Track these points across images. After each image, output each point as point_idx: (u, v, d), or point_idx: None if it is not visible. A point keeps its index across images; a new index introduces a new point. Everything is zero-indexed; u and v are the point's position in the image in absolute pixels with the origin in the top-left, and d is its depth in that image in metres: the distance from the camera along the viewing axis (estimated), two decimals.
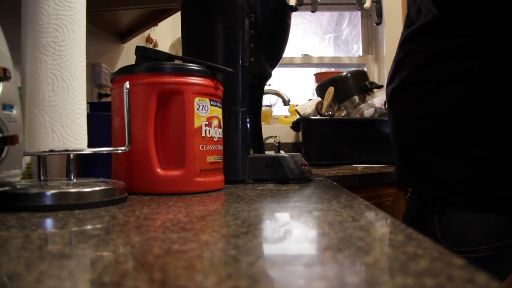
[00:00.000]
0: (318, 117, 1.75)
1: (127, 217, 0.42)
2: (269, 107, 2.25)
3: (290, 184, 0.75)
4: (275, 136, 1.81)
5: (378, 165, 1.56)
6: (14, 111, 0.46)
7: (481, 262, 0.70)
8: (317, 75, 2.31)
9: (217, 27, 0.81)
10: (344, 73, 1.93)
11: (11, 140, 0.44)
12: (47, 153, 0.53)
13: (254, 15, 0.80)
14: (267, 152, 0.94)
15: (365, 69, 2.44)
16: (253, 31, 0.80)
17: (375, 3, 1.42)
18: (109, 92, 0.72)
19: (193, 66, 0.65)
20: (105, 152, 0.60)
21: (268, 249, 0.31)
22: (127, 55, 1.55)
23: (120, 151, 0.59)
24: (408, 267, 0.24)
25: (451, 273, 0.22)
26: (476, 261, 0.65)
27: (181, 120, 0.63)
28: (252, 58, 0.81)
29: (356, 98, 1.90)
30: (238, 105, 0.81)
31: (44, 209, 0.45)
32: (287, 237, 0.35)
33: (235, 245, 0.30)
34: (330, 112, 1.79)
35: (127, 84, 0.59)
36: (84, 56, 0.56)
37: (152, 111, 0.62)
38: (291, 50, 2.50)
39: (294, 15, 0.90)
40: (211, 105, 0.66)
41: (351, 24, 2.64)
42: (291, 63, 2.52)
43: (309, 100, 2.06)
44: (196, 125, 0.63)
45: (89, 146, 0.56)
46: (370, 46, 2.55)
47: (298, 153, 0.83)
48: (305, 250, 0.30)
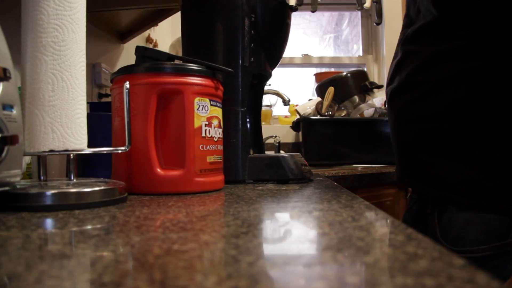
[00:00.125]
0: (318, 117, 1.74)
1: (127, 217, 0.42)
2: (269, 107, 2.25)
3: (290, 184, 0.75)
4: (275, 136, 1.81)
5: (378, 165, 1.56)
6: (14, 111, 0.46)
7: (481, 262, 0.70)
8: (317, 75, 2.31)
9: (217, 27, 0.81)
10: (344, 73, 1.93)
11: (11, 140, 0.44)
12: (47, 153, 0.53)
13: (254, 15, 0.80)
14: (267, 152, 0.94)
15: (365, 69, 2.44)
16: (253, 31, 0.80)
17: (375, 3, 1.42)
18: (109, 92, 0.72)
19: (193, 66, 0.65)
20: (105, 152, 0.60)
21: (268, 249, 0.31)
22: (127, 55, 1.55)
23: (120, 151, 0.59)
24: (408, 267, 0.24)
25: (451, 273, 0.22)
26: (476, 261, 0.65)
27: (181, 120, 0.63)
28: (252, 58, 0.81)
29: (356, 98, 1.90)
30: (238, 105, 0.81)
31: (44, 209, 0.45)
32: (287, 237, 0.35)
33: (235, 245, 0.30)
34: (330, 112, 1.79)
35: (127, 84, 0.59)
36: (84, 56, 0.56)
37: (152, 111, 0.62)
38: (291, 50, 2.50)
39: (294, 15, 0.90)
40: (211, 105, 0.66)
41: (351, 24, 2.64)
42: (291, 63, 2.52)
43: (309, 100, 2.06)
44: (196, 125, 0.63)
45: (89, 146, 0.56)
46: (370, 46, 2.55)
47: (298, 153, 0.83)
48: (305, 250, 0.30)
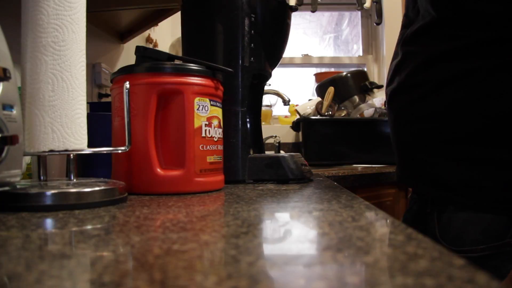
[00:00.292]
0: (318, 117, 1.75)
1: (127, 217, 0.42)
2: (269, 107, 2.25)
3: (290, 184, 0.75)
4: (275, 136, 1.81)
5: (378, 165, 1.56)
6: (14, 111, 0.46)
7: (479, 262, 0.70)
8: (317, 75, 2.31)
9: (217, 27, 0.81)
10: (344, 73, 1.93)
11: (11, 140, 0.44)
12: (47, 153, 0.53)
13: (254, 15, 0.80)
14: (267, 152, 0.94)
15: (365, 69, 2.44)
16: (253, 31, 0.80)
17: (375, 3, 1.41)
18: (109, 92, 0.72)
19: (193, 66, 0.65)
20: (105, 152, 0.60)
21: (268, 249, 0.31)
22: (127, 55, 1.55)
23: (120, 151, 0.59)
24: (408, 267, 0.24)
25: (451, 273, 0.22)
26: (475, 261, 0.65)
27: (181, 120, 0.63)
28: (252, 58, 0.81)
29: (356, 98, 1.90)
30: (238, 105, 0.81)
31: (44, 209, 0.45)
32: (287, 237, 0.35)
33: (235, 245, 0.30)
34: (330, 112, 1.79)
35: (127, 84, 0.59)
36: (84, 56, 0.56)
37: (152, 111, 0.62)
38: (291, 50, 2.50)
39: (294, 15, 0.90)
40: (211, 105, 0.66)
41: (351, 24, 2.64)
42: (291, 63, 2.52)
43: (309, 100, 2.06)
44: (196, 125, 0.63)
45: (89, 146, 0.56)
46: (370, 46, 2.55)
47: (298, 153, 0.83)
48: (305, 250, 0.30)
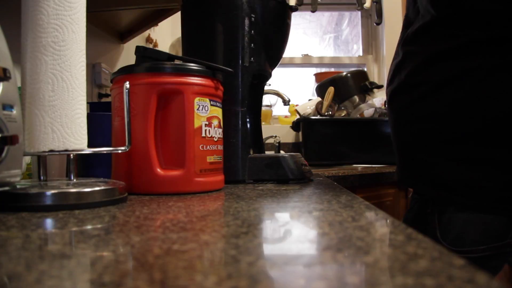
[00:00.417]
0: (318, 117, 1.75)
1: (127, 217, 0.42)
2: (269, 107, 2.25)
3: (290, 184, 0.75)
4: (275, 136, 1.81)
5: (378, 165, 1.56)
6: (14, 111, 0.46)
7: (480, 262, 0.70)
8: (317, 75, 2.31)
9: (217, 27, 0.81)
10: (344, 73, 1.93)
11: (11, 140, 0.44)
12: (47, 153, 0.53)
13: (254, 15, 0.80)
14: (267, 152, 0.94)
15: (365, 69, 2.44)
16: (253, 31, 0.80)
17: (375, 3, 1.41)
18: (109, 92, 0.72)
19: (193, 66, 0.65)
20: (105, 152, 0.60)
21: (268, 249, 0.31)
22: (127, 55, 1.55)
23: (120, 151, 0.59)
24: (408, 267, 0.24)
25: (451, 273, 0.22)
26: (475, 261, 0.65)
27: (181, 120, 0.63)
28: (252, 58, 0.81)
29: (356, 98, 1.90)
30: (238, 105, 0.81)
31: (44, 209, 0.45)
32: (287, 237, 0.35)
33: (235, 245, 0.30)
34: (330, 112, 1.79)
35: (127, 84, 0.59)
36: (84, 56, 0.56)
37: (152, 111, 0.62)
38: (291, 50, 2.50)
39: (294, 15, 0.90)
40: (211, 105, 0.66)
41: (351, 24, 2.64)
42: (291, 63, 2.52)
43: (309, 100, 2.06)
44: (196, 125, 0.63)
45: (89, 146, 0.56)
46: (370, 46, 2.55)
47: (298, 153, 0.83)
48: (305, 250, 0.30)
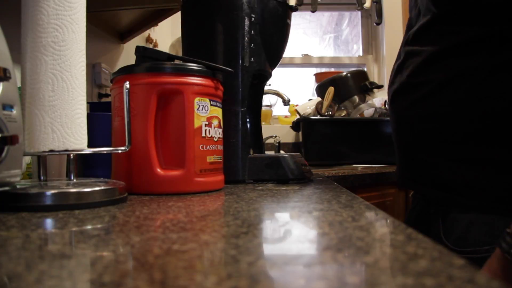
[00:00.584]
0: (318, 117, 1.74)
1: (127, 217, 0.42)
2: (269, 107, 2.25)
3: (290, 184, 0.75)
4: (275, 136, 1.81)
5: (378, 165, 1.56)
6: (14, 111, 0.46)
7: (483, 263, 0.69)
8: (317, 75, 2.31)
9: (217, 27, 0.81)
10: (344, 73, 1.93)
11: (11, 140, 0.44)
12: (47, 153, 0.53)
13: (254, 15, 0.80)
14: (267, 152, 0.94)
15: (365, 69, 2.44)
16: (253, 31, 0.80)
17: (375, 3, 1.42)
18: (109, 92, 0.72)
19: (193, 66, 0.65)
20: (105, 152, 0.60)
21: (268, 249, 0.31)
22: (127, 55, 1.55)
23: (120, 151, 0.59)
24: (408, 267, 0.24)
25: (451, 273, 0.22)
26: (478, 262, 0.64)
27: (181, 120, 0.63)
28: (252, 58, 0.81)
29: (356, 98, 1.90)
30: (238, 105, 0.81)
31: (44, 209, 0.45)
32: (287, 237, 0.35)
33: (235, 245, 0.30)
34: (330, 112, 1.79)
35: (127, 84, 0.59)
36: (84, 56, 0.56)
37: (152, 111, 0.62)
38: (291, 50, 2.50)
39: (294, 15, 0.90)
40: (211, 105, 0.66)
41: (351, 24, 2.64)
42: (291, 63, 2.52)
43: (309, 100, 2.06)
44: (196, 125, 0.63)
45: (89, 146, 0.56)
46: (370, 46, 2.55)
47: (298, 153, 0.83)
48: (305, 250, 0.30)
